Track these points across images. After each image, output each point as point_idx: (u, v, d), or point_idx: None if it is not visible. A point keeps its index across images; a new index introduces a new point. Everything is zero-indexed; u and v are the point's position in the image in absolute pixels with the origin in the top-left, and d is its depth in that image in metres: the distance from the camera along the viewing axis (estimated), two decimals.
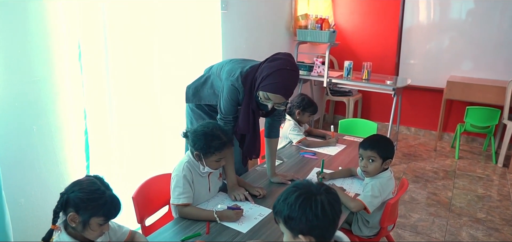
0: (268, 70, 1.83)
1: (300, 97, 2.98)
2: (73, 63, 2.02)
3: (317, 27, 4.27)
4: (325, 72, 4.29)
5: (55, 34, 1.93)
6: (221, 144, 1.78)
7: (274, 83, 1.81)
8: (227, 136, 1.83)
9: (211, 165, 1.84)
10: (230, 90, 1.96)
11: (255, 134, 2.06)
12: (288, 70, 1.83)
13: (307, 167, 2.44)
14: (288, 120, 2.93)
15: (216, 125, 1.84)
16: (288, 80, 1.82)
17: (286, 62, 1.85)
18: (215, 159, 1.81)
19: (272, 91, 1.81)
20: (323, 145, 2.82)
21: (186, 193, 1.81)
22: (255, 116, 1.99)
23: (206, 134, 1.78)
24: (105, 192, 1.36)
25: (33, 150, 1.92)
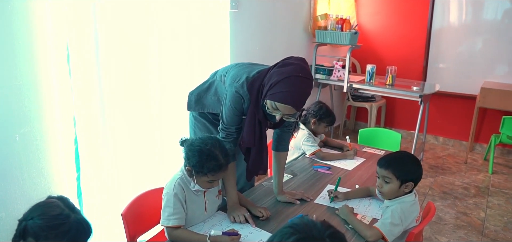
0: (277, 77, 1.60)
1: (317, 105, 2.72)
2: (61, 66, 1.85)
3: (338, 28, 3.99)
4: (345, 76, 4.01)
5: (41, 35, 1.77)
6: (216, 166, 1.56)
7: (283, 92, 1.58)
8: (226, 157, 1.61)
9: (202, 184, 1.64)
10: (234, 97, 1.74)
11: (262, 147, 1.82)
12: (301, 77, 1.59)
13: (320, 183, 2.19)
14: (301, 129, 2.68)
15: (216, 142, 1.62)
16: (299, 89, 1.59)
17: (299, 68, 1.61)
18: (207, 180, 1.61)
19: (281, 101, 1.59)
20: (339, 158, 2.56)
21: (177, 214, 1.61)
22: (261, 127, 1.76)
23: (202, 152, 1.57)
24: (70, 216, 1.17)
25: (15, 160, 1.76)
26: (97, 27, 1.94)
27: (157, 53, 2.30)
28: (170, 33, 2.35)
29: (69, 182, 1.97)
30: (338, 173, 2.34)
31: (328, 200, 1.94)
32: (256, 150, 1.81)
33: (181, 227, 1.61)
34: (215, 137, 1.66)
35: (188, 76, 2.41)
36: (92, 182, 2.03)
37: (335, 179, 2.12)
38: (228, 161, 1.61)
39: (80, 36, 1.88)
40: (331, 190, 1.97)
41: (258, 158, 1.83)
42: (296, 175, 2.31)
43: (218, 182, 1.67)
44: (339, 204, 1.89)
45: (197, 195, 1.69)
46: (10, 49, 1.68)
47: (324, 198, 1.99)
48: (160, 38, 2.30)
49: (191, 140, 1.63)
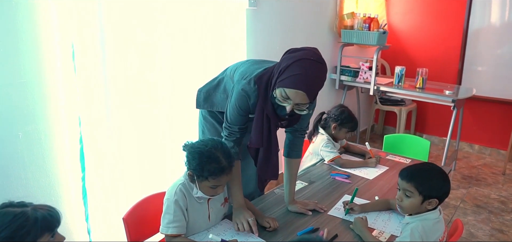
0: (287, 61, 1.47)
1: (339, 109, 2.56)
2: (66, 63, 1.80)
3: (365, 28, 3.79)
4: (372, 78, 3.80)
5: (45, 31, 1.73)
6: (218, 169, 1.45)
7: (294, 76, 1.44)
8: (229, 160, 1.49)
9: (205, 190, 1.53)
10: (239, 96, 1.62)
11: (270, 148, 1.68)
12: (312, 61, 1.45)
13: (337, 193, 2.03)
14: (321, 134, 2.53)
15: (217, 144, 1.51)
16: (311, 72, 1.43)
17: (310, 53, 1.48)
18: (210, 185, 1.50)
19: (291, 86, 1.44)
20: (360, 166, 2.39)
21: (177, 221, 1.51)
22: (270, 124, 1.63)
23: (202, 154, 1.46)
24: (26, 212, 1.07)
25: (19, 159, 1.73)
26: (103, 24, 1.88)
27: (167, 52, 2.22)
28: (181, 31, 2.27)
29: (74, 182, 1.93)
30: (357, 182, 2.18)
31: (343, 212, 1.79)
32: (264, 152, 1.68)
33: (181, 235, 1.52)
34: (217, 139, 1.56)
35: (200, 75, 2.31)
36: (98, 182, 1.98)
37: (352, 189, 1.96)
38: (231, 164, 1.49)
39: (86, 33, 1.82)
40: (347, 202, 1.82)
41: (265, 161, 1.70)
42: (313, 182, 2.17)
43: (223, 189, 1.55)
44: (355, 216, 1.73)
45: (200, 203, 1.59)
46: (14, 45, 1.64)
47: (339, 209, 1.84)
48: (171, 36, 2.22)
49: (191, 143, 1.53)
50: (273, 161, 1.72)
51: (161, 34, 2.17)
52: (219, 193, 1.56)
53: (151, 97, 2.19)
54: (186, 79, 2.34)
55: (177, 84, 2.31)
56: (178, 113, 2.34)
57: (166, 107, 2.28)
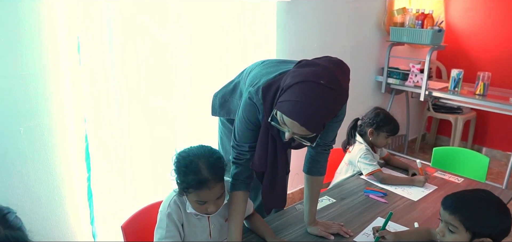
0: (291, 80, 1.19)
1: (373, 111, 2.24)
2: (71, 55, 1.68)
3: (417, 25, 3.38)
4: (423, 81, 3.38)
5: (50, 22, 1.61)
6: (195, 182, 1.23)
7: (291, 102, 1.16)
8: (213, 172, 1.25)
9: (194, 206, 1.32)
10: (246, 106, 1.37)
11: (276, 173, 1.41)
12: (321, 86, 1.14)
13: (369, 215, 1.73)
14: (359, 143, 2.22)
15: (204, 153, 1.29)
16: (314, 101, 1.13)
17: (322, 72, 1.16)
18: (195, 199, 1.29)
19: (287, 114, 1.16)
20: (404, 184, 2.05)
21: (170, 238, 1.33)
22: (276, 146, 1.37)
23: (181, 162, 1.27)
24: None
25: (19, 156, 1.63)
26: (112, 15, 1.74)
27: (183, 48, 2.04)
28: (199, 24, 2.07)
29: (79, 182, 1.82)
30: (395, 202, 1.86)
31: (372, 239, 1.50)
32: (269, 176, 1.42)
33: None
34: (207, 147, 1.33)
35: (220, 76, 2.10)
36: (104, 184, 1.85)
37: (389, 210, 1.66)
38: (216, 178, 1.26)
39: (93, 24, 1.69)
40: (378, 227, 1.52)
41: (270, 188, 1.44)
42: (343, 199, 1.88)
43: (215, 207, 1.31)
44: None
45: (199, 219, 1.39)
46: (16, 35, 1.54)
47: (368, 236, 1.55)
48: (187, 29, 2.03)
49: (180, 151, 1.32)
50: (279, 188, 1.45)
51: (176, 27, 1.98)
52: (211, 212, 1.32)
53: (164, 97, 2.02)
54: (204, 78, 2.14)
55: (194, 83, 2.12)
56: (194, 115, 2.15)
57: (181, 108, 2.10)
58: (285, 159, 1.40)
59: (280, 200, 1.47)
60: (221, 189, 1.30)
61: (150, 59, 1.92)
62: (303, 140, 1.24)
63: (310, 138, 1.25)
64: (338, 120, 1.45)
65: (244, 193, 1.41)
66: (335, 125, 1.47)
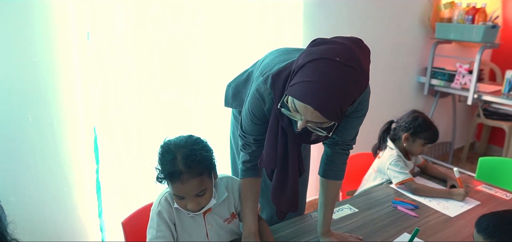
0: (303, 59, 1.03)
1: (411, 114, 2.01)
2: (81, 43, 1.64)
3: (467, 20, 3.05)
4: (471, 83, 3.05)
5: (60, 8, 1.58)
6: (168, 174, 1.12)
7: (303, 83, 0.99)
8: (187, 165, 1.12)
9: (175, 199, 1.21)
10: (252, 98, 1.24)
11: (286, 171, 1.26)
12: (336, 63, 0.97)
13: (395, 228, 1.53)
14: (390, 148, 2.01)
15: (186, 142, 1.17)
16: (330, 81, 0.96)
17: (339, 49, 0.99)
18: (172, 191, 1.18)
19: (299, 97, 1.00)
20: (440, 196, 1.81)
21: (161, 237, 1.22)
22: (287, 140, 1.21)
23: (161, 149, 1.17)
24: None
25: (27, 144, 1.61)
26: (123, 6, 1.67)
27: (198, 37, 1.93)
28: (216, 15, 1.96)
29: (88, 174, 1.77)
30: (427, 217, 1.63)
31: None
32: (278, 175, 1.26)
33: None
34: (193, 138, 1.20)
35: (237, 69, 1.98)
36: (112, 177, 1.80)
37: (419, 225, 1.45)
38: (190, 171, 1.12)
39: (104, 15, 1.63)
40: None
41: (280, 188, 1.28)
42: (368, 209, 1.69)
43: (193, 205, 1.18)
44: None
45: (193, 218, 1.27)
46: (26, 22, 1.52)
47: None
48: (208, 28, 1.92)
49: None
50: (290, 190, 1.28)
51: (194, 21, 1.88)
52: (191, 209, 1.19)
53: (177, 90, 1.92)
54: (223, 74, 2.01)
55: (208, 75, 2.00)
56: (207, 107, 2.03)
57: (194, 100, 2.00)
58: (298, 156, 1.24)
59: (291, 204, 1.31)
60: (199, 186, 1.16)
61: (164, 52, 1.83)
62: (319, 130, 1.08)
63: (326, 128, 1.08)
64: (359, 115, 1.26)
65: (253, 179, 1.31)
66: (355, 121, 1.28)
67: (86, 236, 1.82)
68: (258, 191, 1.35)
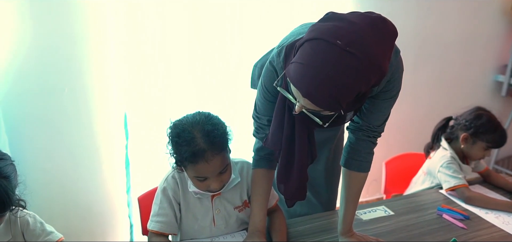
0: (306, 36, 0.89)
1: (474, 112, 1.73)
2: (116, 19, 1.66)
3: None
4: None
5: None
6: (191, 154, 1.04)
7: (296, 65, 0.87)
8: (210, 141, 1.05)
9: (195, 183, 1.14)
10: (266, 71, 1.12)
11: (292, 154, 1.12)
12: (335, 48, 0.81)
13: (433, 238, 1.32)
14: (443, 148, 1.76)
15: (200, 120, 1.09)
16: (323, 68, 0.82)
17: (344, 30, 0.83)
18: (193, 174, 1.10)
19: (290, 79, 0.89)
20: (499, 209, 1.53)
21: (162, 216, 1.17)
22: (295, 121, 1.08)
23: (173, 132, 1.09)
24: None
25: (62, 115, 1.68)
26: None
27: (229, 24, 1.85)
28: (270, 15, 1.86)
29: (118, 148, 1.81)
30: (480, 230, 1.39)
31: None
32: (283, 159, 1.13)
33: (164, 235, 1.17)
34: (204, 113, 1.13)
35: None
36: (140, 155, 1.81)
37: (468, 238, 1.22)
38: (213, 148, 1.05)
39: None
40: None
41: (285, 172, 1.15)
42: (406, 213, 1.48)
43: (217, 184, 1.11)
44: None
45: (199, 199, 1.20)
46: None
47: None
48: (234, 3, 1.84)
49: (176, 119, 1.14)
50: (297, 175, 1.14)
51: None
52: (214, 189, 1.12)
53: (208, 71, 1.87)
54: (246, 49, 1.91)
55: (239, 55, 1.91)
56: (234, 89, 1.94)
57: (221, 82, 1.92)
58: (307, 139, 1.11)
59: (298, 191, 1.17)
60: (223, 162, 1.09)
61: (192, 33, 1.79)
62: (316, 118, 0.95)
63: (325, 116, 0.95)
64: (387, 96, 1.08)
65: (266, 171, 1.21)
66: (383, 103, 1.10)
67: (114, 210, 1.86)
68: (270, 184, 1.23)
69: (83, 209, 1.79)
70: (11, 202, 0.99)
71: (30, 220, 1.09)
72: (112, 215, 1.86)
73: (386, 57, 0.89)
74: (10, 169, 1.02)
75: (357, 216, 1.44)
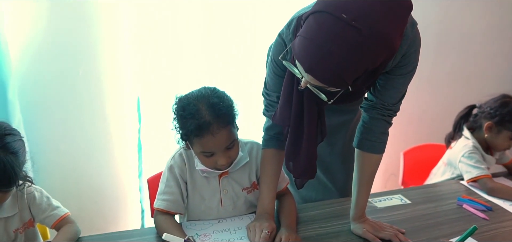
0: (312, 9, 0.85)
1: (499, 100, 1.65)
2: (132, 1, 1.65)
3: None
4: None
5: None
6: (196, 127, 1.01)
7: (300, 38, 0.84)
8: (215, 114, 1.03)
9: (202, 160, 1.11)
10: (275, 44, 1.09)
11: (300, 131, 1.08)
12: (340, 21, 0.77)
13: (450, 229, 1.25)
14: (465, 137, 1.68)
15: (206, 93, 1.07)
16: (325, 42, 0.79)
17: (351, 3, 0.79)
18: (199, 149, 1.07)
19: (294, 52, 0.86)
20: None
21: (168, 194, 1.15)
22: (303, 97, 1.04)
23: (179, 106, 1.07)
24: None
25: (76, 97, 1.68)
26: None
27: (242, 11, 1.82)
28: None
29: (130, 133, 1.80)
30: (503, 221, 1.31)
31: None
32: (291, 136, 1.09)
33: (170, 214, 1.14)
34: (210, 88, 1.10)
35: None
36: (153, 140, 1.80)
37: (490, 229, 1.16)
38: (219, 120, 1.03)
39: None
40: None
41: (293, 150, 1.10)
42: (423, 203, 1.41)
43: (225, 160, 1.08)
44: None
45: (207, 178, 1.18)
46: None
47: None
48: None
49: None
50: (306, 153, 1.09)
51: None
52: (221, 165, 1.09)
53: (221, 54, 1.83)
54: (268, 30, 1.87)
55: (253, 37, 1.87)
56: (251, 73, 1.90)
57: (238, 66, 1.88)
58: (317, 116, 1.07)
59: (306, 169, 1.13)
60: (229, 137, 1.06)
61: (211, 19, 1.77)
62: (321, 94, 0.91)
63: (331, 92, 0.90)
64: (403, 71, 1.03)
65: (276, 151, 1.17)
66: (398, 80, 1.04)
67: (126, 194, 1.86)
68: (280, 165, 1.20)
69: (96, 192, 1.79)
70: (18, 177, 0.99)
71: (36, 194, 1.09)
72: (124, 199, 1.86)
73: (398, 33, 0.84)
74: (19, 145, 1.02)
75: (372, 203, 1.38)
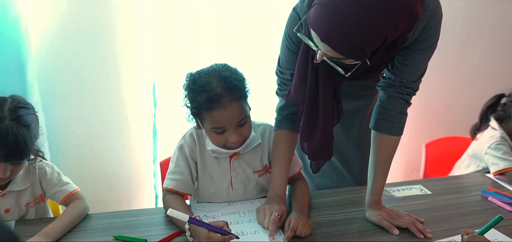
0: None
1: None
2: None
3: None
4: None
5: None
6: (207, 100, 0.99)
7: (316, 7, 0.81)
8: (227, 87, 1.00)
9: (212, 138, 1.08)
10: (289, 19, 1.06)
11: (315, 109, 1.04)
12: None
13: (475, 219, 1.17)
14: (492, 128, 1.59)
15: (218, 67, 1.05)
16: (344, 8, 0.76)
17: None
18: (210, 125, 1.04)
19: (310, 22, 0.83)
20: None
21: (177, 174, 1.14)
22: (318, 73, 1.00)
23: (190, 79, 1.05)
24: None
25: (93, 80, 1.70)
26: None
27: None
28: None
29: (146, 116, 1.80)
30: None
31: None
32: (306, 115, 1.05)
33: (179, 194, 1.13)
34: (221, 63, 1.08)
35: None
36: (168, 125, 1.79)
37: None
38: (230, 93, 1.00)
39: None
40: (472, 232, 0.99)
41: (308, 130, 1.06)
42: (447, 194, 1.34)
43: (236, 137, 1.05)
44: None
45: (217, 159, 1.15)
46: None
47: None
48: None
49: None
50: (322, 132, 1.05)
51: None
52: (233, 143, 1.06)
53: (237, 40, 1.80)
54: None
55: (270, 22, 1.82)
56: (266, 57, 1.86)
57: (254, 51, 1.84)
58: (332, 93, 1.02)
59: (322, 149, 1.08)
60: (241, 112, 1.04)
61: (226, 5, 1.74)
62: (338, 67, 0.87)
63: (348, 66, 0.86)
64: (423, 46, 0.98)
65: (289, 132, 1.14)
66: (417, 55, 0.99)
67: (141, 179, 1.87)
68: (292, 147, 1.16)
69: (111, 176, 1.81)
70: (29, 150, 0.99)
71: (47, 169, 1.10)
72: (138, 184, 1.87)
73: (418, 2, 0.79)
74: (31, 119, 1.02)
75: (389, 192, 1.32)
